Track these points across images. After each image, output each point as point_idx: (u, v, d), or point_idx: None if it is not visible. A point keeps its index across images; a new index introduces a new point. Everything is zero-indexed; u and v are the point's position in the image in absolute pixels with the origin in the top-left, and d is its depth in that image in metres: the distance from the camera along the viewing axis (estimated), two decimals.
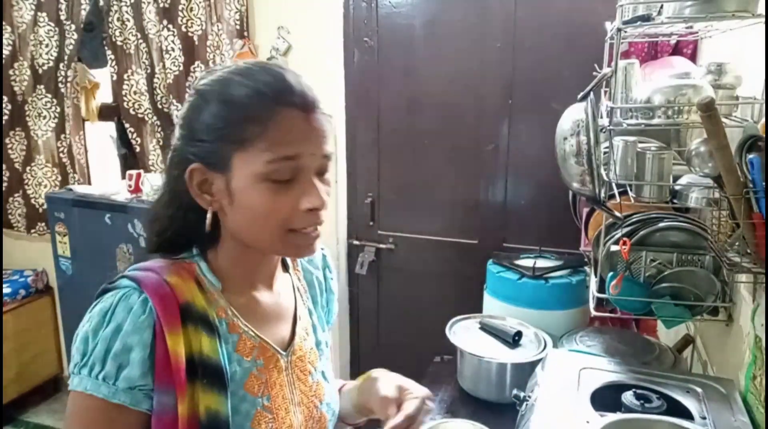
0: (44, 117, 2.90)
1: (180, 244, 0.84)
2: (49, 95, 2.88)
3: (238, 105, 0.74)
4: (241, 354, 0.82)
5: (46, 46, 2.81)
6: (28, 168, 3.00)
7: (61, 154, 2.95)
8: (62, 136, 2.91)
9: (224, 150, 0.75)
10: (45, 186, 3.00)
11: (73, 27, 2.74)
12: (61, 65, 2.82)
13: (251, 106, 0.74)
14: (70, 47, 2.77)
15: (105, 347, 0.73)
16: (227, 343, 0.80)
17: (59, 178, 2.98)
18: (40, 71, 2.85)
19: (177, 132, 0.81)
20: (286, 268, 0.95)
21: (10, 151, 3.00)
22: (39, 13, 2.78)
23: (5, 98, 2.92)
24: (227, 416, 0.77)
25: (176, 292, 0.77)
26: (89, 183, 3.03)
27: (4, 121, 2.95)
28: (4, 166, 3.03)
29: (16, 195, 3.06)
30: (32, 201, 3.05)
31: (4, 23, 2.83)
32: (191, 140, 0.78)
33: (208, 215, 0.79)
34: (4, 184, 3.06)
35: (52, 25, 2.79)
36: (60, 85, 2.84)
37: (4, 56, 2.85)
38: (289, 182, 0.75)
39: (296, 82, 0.76)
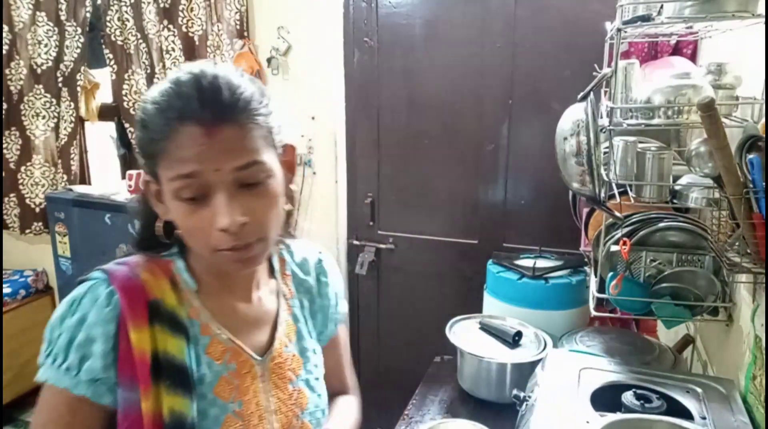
0: (43, 117, 2.90)
1: (162, 242, 0.83)
2: (48, 95, 2.87)
3: (145, 123, 0.73)
4: (212, 357, 0.79)
5: (45, 45, 2.81)
6: (23, 168, 2.99)
7: (59, 154, 2.94)
8: (61, 136, 2.91)
9: (150, 164, 0.74)
10: (42, 186, 2.99)
11: (79, 30, 2.75)
12: (60, 65, 2.82)
13: (154, 124, 0.71)
14: (77, 50, 2.76)
15: (68, 337, 0.73)
16: (197, 344, 0.79)
17: (57, 178, 2.97)
18: (39, 71, 2.85)
19: None
20: (273, 273, 0.92)
21: (5, 151, 2.99)
22: (38, 13, 2.78)
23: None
24: (193, 419, 0.75)
25: (147, 288, 0.76)
26: (89, 183, 3.03)
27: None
28: None
29: (11, 195, 3.06)
30: (27, 201, 3.03)
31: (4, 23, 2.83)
32: (139, 155, 0.78)
33: (161, 226, 0.79)
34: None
35: (51, 24, 2.79)
36: (60, 85, 2.84)
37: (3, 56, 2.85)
38: (201, 201, 0.71)
39: (200, 94, 0.69)
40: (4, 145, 2.98)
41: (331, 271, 1.00)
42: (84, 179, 3.08)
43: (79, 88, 2.83)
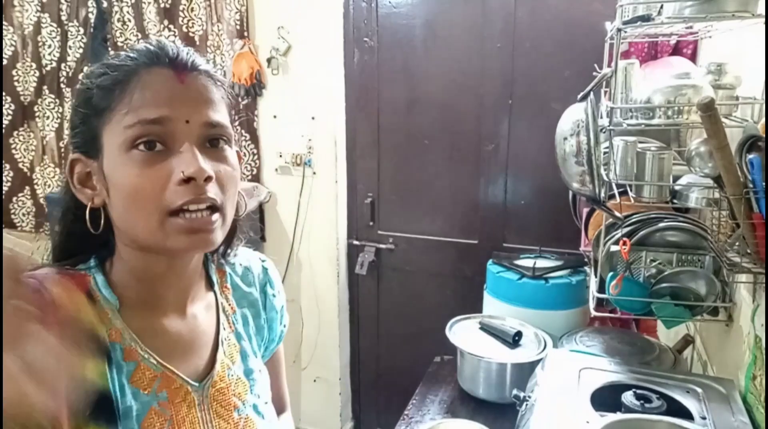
0: (47, 117, 2.92)
1: (76, 253, 0.73)
2: (52, 96, 2.89)
3: (99, 73, 0.66)
4: (137, 386, 0.68)
5: (49, 47, 2.82)
6: (38, 168, 3.02)
7: (63, 155, 2.95)
8: (64, 136, 2.92)
9: (92, 127, 0.66)
10: (49, 186, 3.01)
11: (81, 30, 2.75)
12: (63, 66, 2.82)
13: (113, 70, 0.65)
14: (80, 50, 2.77)
15: None
16: (120, 372, 0.67)
17: (62, 179, 2.98)
18: (44, 72, 2.86)
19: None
20: (211, 286, 0.81)
21: (13, 151, 3.01)
22: (42, 14, 2.79)
23: (9, 98, 2.93)
24: None
25: (58, 303, 0.63)
26: None
27: (8, 122, 2.96)
28: (7, 167, 3.04)
29: (20, 194, 3.07)
30: (41, 201, 3.06)
31: (7, 24, 2.84)
32: (72, 130, 0.70)
33: (87, 212, 0.69)
34: (9, 184, 3.07)
35: (55, 26, 2.80)
36: (62, 85, 2.85)
37: (8, 57, 2.86)
38: (162, 153, 0.64)
39: (170, 46, 0.67)
40: (14, 146, 3.00)
41: (277, 281, 0.91)
42: None
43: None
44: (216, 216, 0.66)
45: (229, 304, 0.82)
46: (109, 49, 2.72)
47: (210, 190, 0.65)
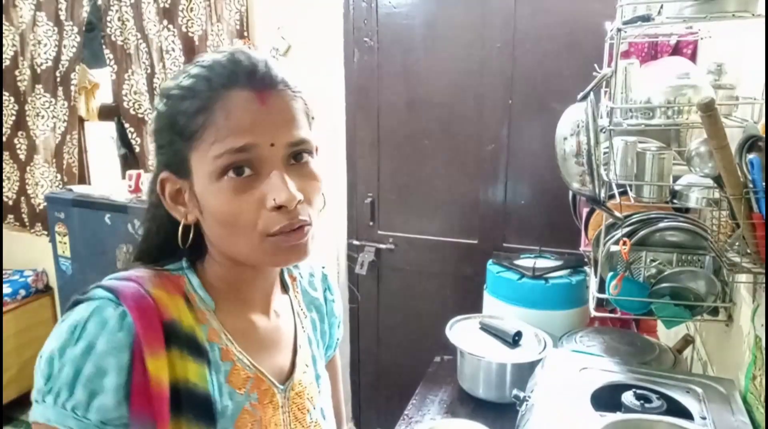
0: (42, 117, 2.91)
1: (166, 252, 0.74)
2: (48, 95, 2.88)
3: (179, 96, 0.65)
4: (233, 386, 0.70)
5: (45, 45, 2.82)
6: (28, 168, 3.01)
7: (58, 154, 2.95)
8: (60, 135, 2.92)
9: (180, 150, 0.66)
10: (42, 186, 3.00)
11: (75, 29, 2.75)
12: (59, 65, 2.82)
13: (194, 95, 0.64)
14: (73, 48, 2.77)
15: (74, 370, 0.61)
16: (218, 372, 0.69)
17: (57, 178, 2.98)
18: (39, 71, 2.86)
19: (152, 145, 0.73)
20: (285, 289, 0.84)
21: (18, 152, 3.02)
22: (38, 13, 2.79)
23: (11, 98, 2.93)
24: None
25: (160, 307, 0.66)
26: (88, 183, 3.03)
27: (11, 122, 2.96)
28: (7, 166, 3.04)
29: (10, 194, 3.08)
30: (32, 201, 3.05)
31: (6, 23, 2.84)
32: (157, 149, 0.70)
33: (180, 229, 0.70)
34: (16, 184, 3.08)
35: (51, 24, 2.79)
36: (58, 85, 2.84)
37: (8, 56, 2.86)
38: (252, 178, 0.64)
39: (246, 59, 0.65)
40: (16, 146, 3.00)
41: (336, 288, 0.94)
42: (84, 179, 3.08)
43: (74, 88, 2.82)
44: (307, 229, 0.67)
45: (302, 309, 0.85)
46: (104, 48, 2.72)
47: (301, 212, 0.66)
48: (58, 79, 2.83)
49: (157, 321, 0.65)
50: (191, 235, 0.70)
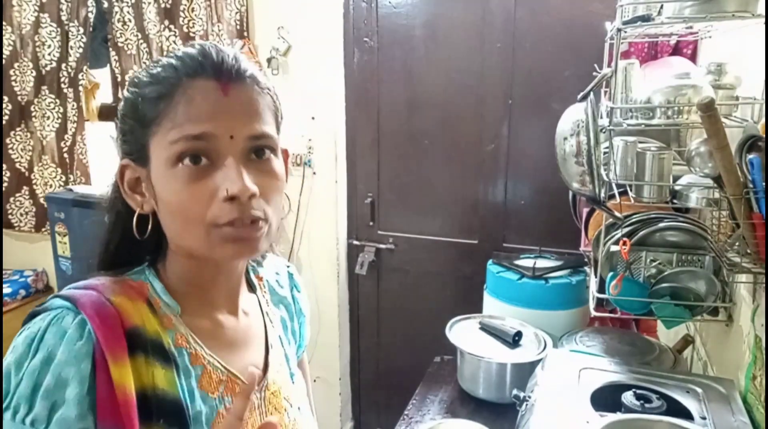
0: (48, 118, 2.92)
1: (126, 260, 0.73)
2: (53, 96, 2.89)
3: (146, 83, 0.65)
4: (206, 390, 0.68)
5: (49, 47, 2.82)
6: (35, 168, 3.02)
7: (64, 155, 2.95)
8: (65, 136, 2.92)
9: (139, 137, 0.66)
10: (50, 186, 3.01)
11: (81, 30, 2.75)
12: (63, 66, 2.82)
13: (158, 81, 0.64)
14: (79, 50, 2.77)
15: (32, 383, 0.59)
16: (188, 376, 0.67)
17: (67, 178, 2.99)
18: (44, 72, 2.86)
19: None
20: (252, 288, 0.82)
21: (10, 151, 3.00)
22: (41, 14, 2.79)
23: (6, 98, 2.93)
24: None
25: (122, 314, 0.64)
26: (91, 183, 3.04)
27: (5, 122, 2.96)
28: (4, 167, 3.03)
29: (17, 195, 3.07)
30: (41, 200, 3.05)
31: (5, 24, 2.84)
32: (120, 136, 0.69)
33: (135, 218, 0.69)
34: (6, 184, 3.07)
35: (54, 25, 2.79)
36: (62, 86, 2.85)
37: (6, 56, 2.86)
38: (207, 168, 0.63)
39: (215, 52, 0.65)
40: (11, 146, 3.00)
41: (302, 286, 0.93)
42: (88, 179, 3.09)
43: (81, 89, 2.83)
44: (260, 224, 0.65)
45: (269, 308, 0.83)
46: (110, 49, 2.72)
47: (254, 206, 0.64)
48: (64, 80, 2.84)
49: (119, 328, 0.63)
50: (149, 229, 0.69)
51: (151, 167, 0.66)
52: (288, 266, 0.92)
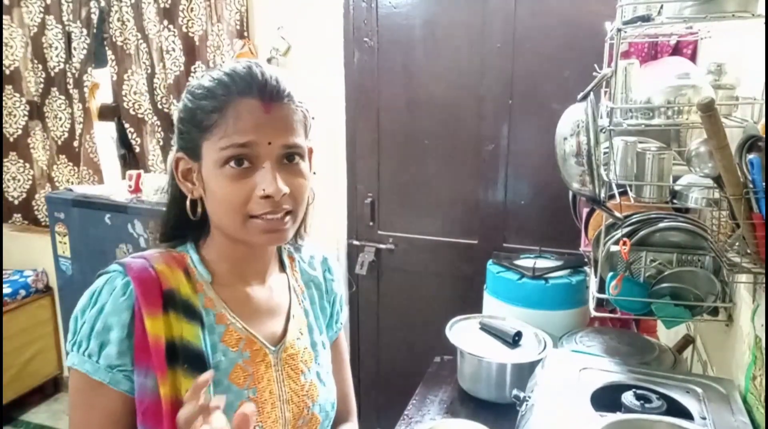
0: (59, 118, 2.93)
1: (177, 235, 0.90)
2: (62, 97, 2.91)
3: (202, 95, 0.80)
4: (227, 345, 0.84)
5: (56, 48, 2.83)
6: (54, 167, 3.03)
7: (84, 153, 2.96)
8: (76, 136, 2.93)
9: (195, 138, 0.81)
10: (71, 183, 3.03)
11: (84, 31, 2.76)
12: (68, 67, 2.83)
13: (213, 96, 0.79)
14: (83, 51, 2.78)
15: (90, 326, 0.78)
16: (213, 333, 0.83)
17: (81, 177, 3.00)
18: (52, 74, 2.88)
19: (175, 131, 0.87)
20: (283, 268, 0.97)
21: (32, 150, 3.05)
22: (47, 16, 2.80)
23: (23, 99, 2.95)
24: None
25: (161, 278, 0.81)
26: (103, 182, 3.05)
27: (24, 121, 2.99)
28: (27, 165, 3.07)
29: (42, 192, 3.09)
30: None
31: (16, 26, 2.85)
32: (178, 134, 0.84)
33: (188, 202, 0.84)
34: (28, 182, 3.09)
35: (60, 27, 2.80)
36: (69, 86, 2.86)
37: (19, 58, 2.89)
38: (248, 170, 0.79)
39: (260, 74, 0.79)
40: (36, 145, 3.03)
41: (336, 270, 1.07)
42: (101, 179, 3.09)
43: (86, 89, 2.84)
44: (288, 218, 0.81)
45: (299, 285, 0.98)
46: (107, 48, 2.72)
47: (285, 203, 0.80)
48: (69, 81, 2.85)
49: (156, 289, 0.80)
50: (199, 211, 0.84)
51: (202, 163, 0.81)
52: (324, 253, 1.07)
